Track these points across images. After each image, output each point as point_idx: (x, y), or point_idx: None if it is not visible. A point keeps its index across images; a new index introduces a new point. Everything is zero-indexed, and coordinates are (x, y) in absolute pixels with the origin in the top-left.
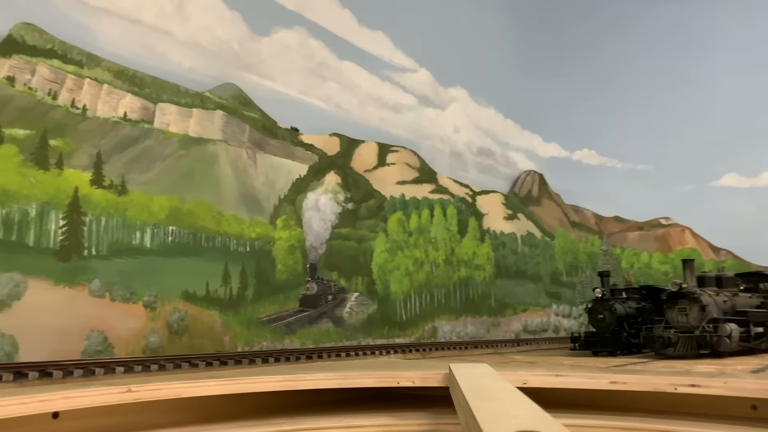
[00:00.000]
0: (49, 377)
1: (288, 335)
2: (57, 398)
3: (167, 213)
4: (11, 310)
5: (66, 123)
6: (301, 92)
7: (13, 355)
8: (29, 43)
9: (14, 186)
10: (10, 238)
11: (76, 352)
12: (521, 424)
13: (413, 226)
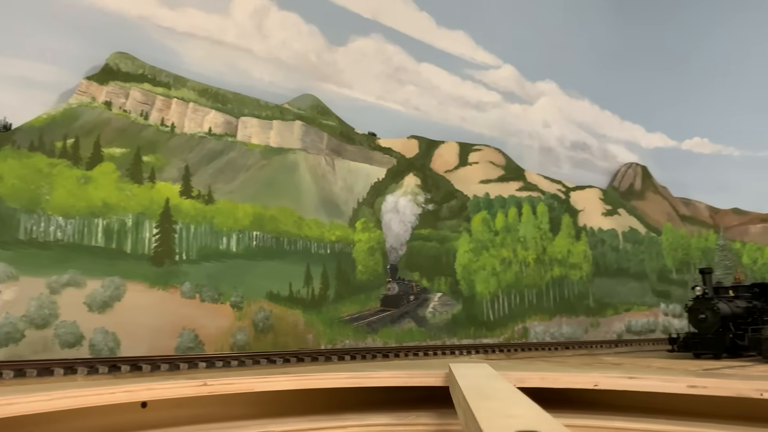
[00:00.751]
0: (138, 370)
1: (370, 334)
2: (141, 389)
3: (251, 219)
4: (113, 311)
5: (157, 140)
6: (379, 97)
7: (116, 350)
8: (123, 70)
9: (113, 199)
10: (111, 245)
11: (170, 348)
12: (521, 424)
13: (499, 225)
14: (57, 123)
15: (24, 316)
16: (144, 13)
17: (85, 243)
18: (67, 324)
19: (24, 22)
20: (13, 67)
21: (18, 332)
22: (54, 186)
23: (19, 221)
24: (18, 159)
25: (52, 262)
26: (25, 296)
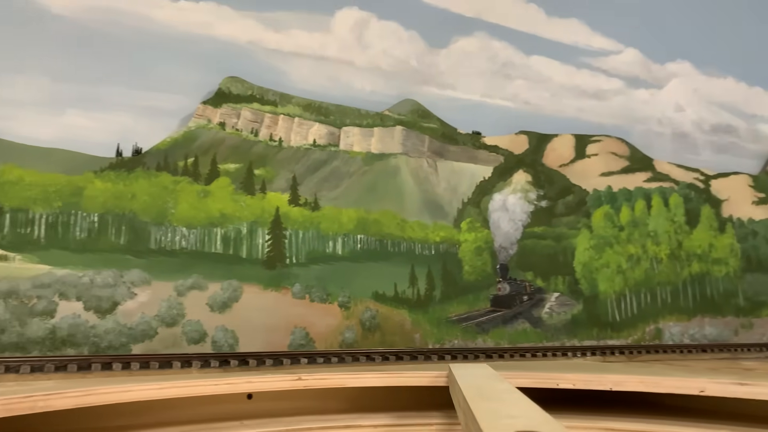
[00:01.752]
0: (246, 365)
1: (480, 335)
2: (242, 382)
3: (355, 223)
4: (232, 311)
5: (266, 154)
6: (484, 95)
7: (235, 346)
8: (234, 93)
9: (229, 210)
10: (228, 252)
11: (284, 345)
12: (521, 425)
13: (625, 219)
14: (179, 145)
15: (156, 316)
16: (253, 38)
17: (205, 250)
18: (192, 323)
19: (154, 59)
20: (144, 99)
21: (152, 330)
22: (178, 201)
23: (150, 233)
24: (148, 179)
25: (178, 268)
26: (157, 298)
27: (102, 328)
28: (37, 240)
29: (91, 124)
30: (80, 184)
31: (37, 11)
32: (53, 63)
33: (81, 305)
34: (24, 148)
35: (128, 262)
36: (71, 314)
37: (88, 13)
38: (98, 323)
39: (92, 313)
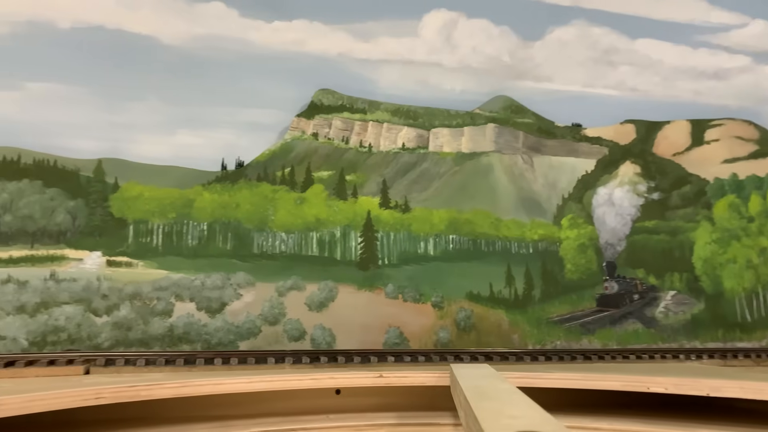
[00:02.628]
0: (335, 362)
1: (585, 335)
2: (325, 377)
3: (446, 224)
4: (329, 310)
5: (356, 161)
6: (586, 85)
7: (332, 344)
8: (325, 104)
9: (324, 215)
10: (324, 254)
11: (379, 343)
12: (522, 425)
13: (755, 210)
14: (276, 156)
15: (260, 315)
16: (343, 50)
17: (302, 253)
18: (292, 321)
19: (253, 78)
20: (245, 115)
21: (256, 328)
22: (277, 208)
23: (253, 239)
24: (249, 189)
25: (278, 270)
26: (260, 299)
27: (212, 326)
28: (156, 248)
29: (200, 142)
30: (191, 196)
31: (148, 44)
32: (165, 89)
33: (194, 306)
34: (143, 167)
35: (234, 265)
36: (186, 314)
37: (193, 41)
38: (209, 322)
39: (204, 312)
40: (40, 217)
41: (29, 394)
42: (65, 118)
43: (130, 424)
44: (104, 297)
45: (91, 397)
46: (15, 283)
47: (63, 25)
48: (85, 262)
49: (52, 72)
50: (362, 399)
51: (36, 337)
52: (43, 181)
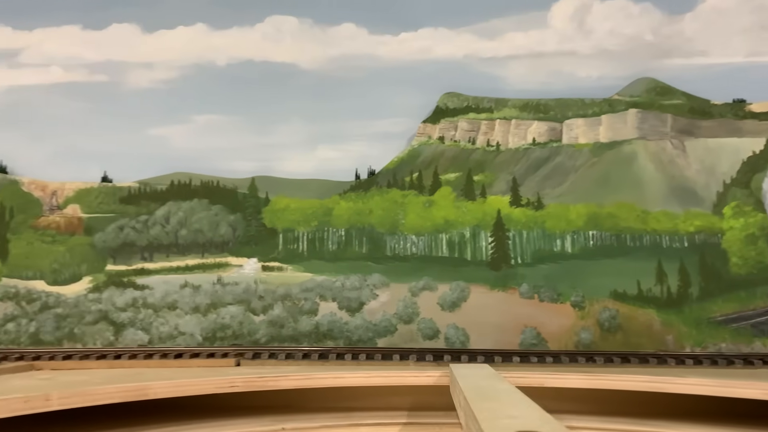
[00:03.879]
0: (458, 360)
1: (759, 337)
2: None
3: (585, 219)
4: (461, 310)
5: (484, 160)
6: (750, 54)
7: (466, 343)
8: (451, 107)
9: (452, 216)
10: (454, 255)
11: (514, 344)
12: (522, 425)
13: None
14: (405, 162)
15: (395, 314)
16: (468, 52)
17: (433, 255)
18: (426, 320)
19: (382, 91)
20: (376, 127)
21: (392, 326)
22: (407, 212)
23: (385, 242)
24: (381, 195)
25: (410, 271)
26: (395, 299)
27: (353, 324)
28: (302, 253)
29: (337, 155)
30: (330, 205)
31: (290, 71)
32: (306, 110)
33: (336, 305)
34: (288, 182)
35: (370, 267)
36: (329, 313)
37: (328, 63)
38: (350, 320)
39: (344, 312)
40: (207, 231)
41: (176, 381)
42: (225, 143)
43: (266, 411)
44: (260, 298)
45: (226, 386)
46: (191, 287)
47: (220, 63)
48: (244, 267)
49: (213, 105)
50: None
51: (208, 333)
52: (209, 200)
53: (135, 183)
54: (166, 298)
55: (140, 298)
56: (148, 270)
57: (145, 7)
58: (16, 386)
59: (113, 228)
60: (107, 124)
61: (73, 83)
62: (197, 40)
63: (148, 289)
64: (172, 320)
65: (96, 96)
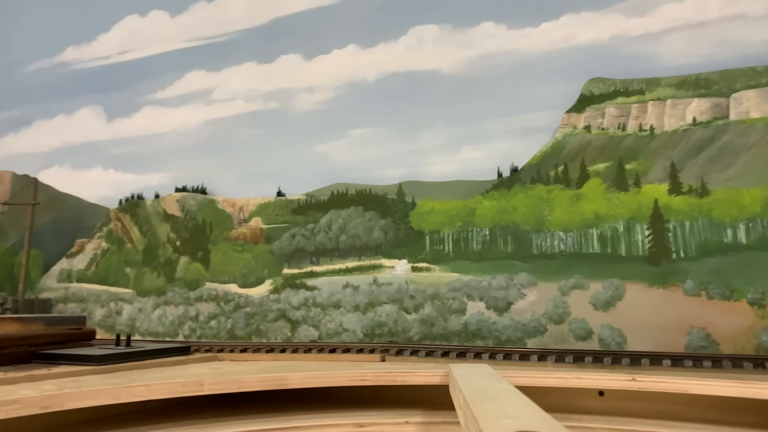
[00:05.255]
0: (600, 362)
1: None
2: (570, 377)
3: (762, 204)
4: (616, 309)
5: (636, 147)
6: None
7: (623, 345)
8: (596, 94)
9: (603, 210)
10: (606, 251)
11: (679, 346)
12: (521, 425)
13: None
14: (548, 156)
15: (544, 314)
16: (615, 33)
17: (583, 251)
18: (577, 320)
19: (522, 85)
20: (518, 122)
21: (542, 326)
22: (553, 208)
23: (531, 240)
24: (524, 192)
25: (558, 270)
26: (543, 298)
27: (501, 324)
28: (447, 254)
29: (479, 155)
30: (473, 205)
31: (432, 78)
32: (448, 114)
33: (483, 305)
34: (434, 185)
35: (516, 266)
36: (477, 312)
37: (468, 65)
38: (498, 320)
39: (492, 311)
40: (363, 235)
41: (312, 372)
42: (376, 153)
43: (396, 405)
44: (411, 297)
45: (356, 379)
46: (351, 288)
47: (370, 79)
48: (395, 269)
49: (365, 119)
50: (632, 403)
51: (367, 329)
52: (364, 207)
53: (302, 195)
54: (331, 297)
55: (310, 297)
56: (316, 272)
57: (305, 37)
58: (190, 373)
59: (287, 236)
60: (280, 145)
61: (252, 112)
62: (349, 61)
63: (317, 290)
64: (336, 318)
65: (270, 121)
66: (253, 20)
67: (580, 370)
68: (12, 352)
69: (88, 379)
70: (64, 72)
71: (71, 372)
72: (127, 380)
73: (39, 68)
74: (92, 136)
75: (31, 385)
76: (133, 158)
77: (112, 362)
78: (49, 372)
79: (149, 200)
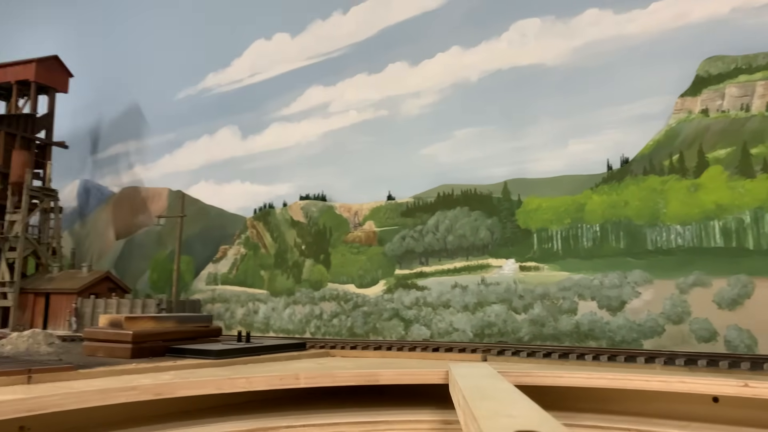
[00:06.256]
0: (715, 366)
1: None
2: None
3: None
4: (743, 308)
5: (763, 128)
6: None
7: (753, 347)
8: (714, 74)
9: (725, 199)
10: (730, 244)
11: None
12: (520, 424)
13: None
14: (661, 145)
15: (661, 313)
16: (736, 5)
17: (703, 245)
18: (699, 320)
19: (632, 71)
20: (629, 110)
21: (659, 327)
22: (668, 200)
23: (645, 235)
24: (636, 184)
25: (676, 266)
26: (659, 296)
27: (614, 324)
28: (557, 252)
29: (587, 148)
30: (581, 201)
31: (536, 72)
32: (554, 106)
33: (595, 304)
34: (538, 182)
35: (629, 263)
36: (589, 312)
37: (573, 55)
38: (611, 320)
39: (605, 311)
40: (470, 235)
41: (400, 369)
42: (480, 153)
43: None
44: (520, 297)
45: (443, 377)
46: (460, 288)
47: (473, 78)
48: (503, 268)
49: (469, 119)
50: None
51: (477, 330)
52: (469, 207)
53: (410, 198)
54: (441, 297)
55: (421, 297)
56: (425, 273)
57: (410, 43)
58: (293, 367)
59: (397, 238)
60: (390, 150)
61: (364, 121)
62: (452, 63)
63: (427, 290)
64: (447, 317)
65: (380, 129)
66: (363, 33)
67: (690, 373)
68: (149, 347)
69: (204, 371)
70: (206, 97)
71: (191, 364)
72: (234, 372)
73: (187, 95)
74: (230, 153)
75: (153, 375)
76: (264, 171)
77: (229, 357)
78: (173, 364)
79: (278, 208)
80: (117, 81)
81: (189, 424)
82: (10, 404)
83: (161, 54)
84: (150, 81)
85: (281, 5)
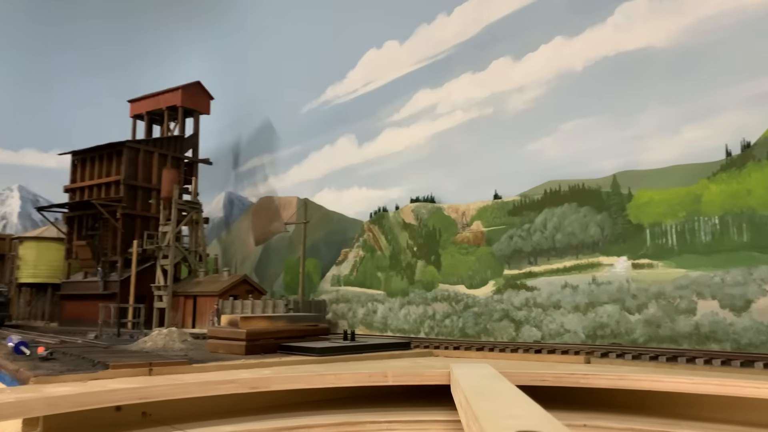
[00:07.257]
0: None
1: None
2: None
3: None
4: None
5: None
6: None
7: None
8: None
9: None
10: None
11: None
12: (522, 424)
13: None
14: None
15: None
16: None
17: None
18: None
19: (759, 43)
20: (755, 87)
21: None
22: None
23: None
24: (761, 171)
25: None
26: None
27: (739, 325)
28: (671, 248)
29: (702, 134)
30: (697, 192)
31: (643, 55)
32: (664, 91)
33: (716, 303)
34: (650, 173)
35: (754, 258)
36: (709, 312)
37: (684, 34)
38: (735, 321)
39: (728, 310)
40: (579, 233)
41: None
42: (586, 146)
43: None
44: (633, 297)
45: (538, 379)
46: (570, 288)
47: (578, 68)
48: (615, 266)
49: (575, 110)
50: None
51: (588, 331)
52: (577, 203)
53: (517, 196)
54: (551, 297)
55: (531, 298)
56: (534, 273)
57: (513, 38)
58: (390, 366)
59: (505, 237)
60: (495, 148)
61: (470, 120)
62: (556, 53)
63: (536, 290)
64: (557, 318)
65: (486, 127)
66: (467, 33)
67: None
68: (261, 344)
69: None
70: (326, 109)
71: (294, 361)
72: (328, 369)
73: (310, 109)
74: (348, 160)
75: (257, 370)
76: (378, 176)
77: (331, 354)
78: (278, 360)
79: (391, 212)
80: (252, 100)
81: (280, 416)
82: (128, 392)
83: (287, 73)
84: (279, 98)
85: (390, 13)
